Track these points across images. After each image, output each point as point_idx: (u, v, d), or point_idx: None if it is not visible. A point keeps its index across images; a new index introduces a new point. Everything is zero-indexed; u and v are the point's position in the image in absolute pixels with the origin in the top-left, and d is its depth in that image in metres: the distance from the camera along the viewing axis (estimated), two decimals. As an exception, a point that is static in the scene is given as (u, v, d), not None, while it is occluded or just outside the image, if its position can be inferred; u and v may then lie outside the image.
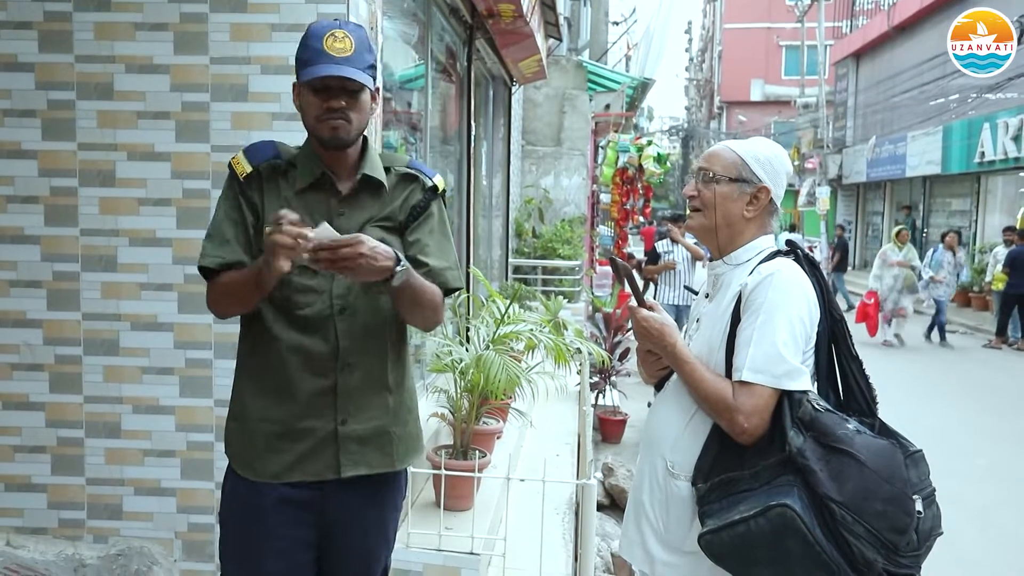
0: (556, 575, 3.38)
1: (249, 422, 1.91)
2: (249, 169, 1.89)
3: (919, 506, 1.74)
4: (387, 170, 1.97)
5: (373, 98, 1.91)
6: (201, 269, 1.88)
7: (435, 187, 1.99)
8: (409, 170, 2.00)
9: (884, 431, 1.84)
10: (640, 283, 2.04)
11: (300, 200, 1.88)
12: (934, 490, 1.81)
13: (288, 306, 1.87)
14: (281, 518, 1.89)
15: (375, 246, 1.69)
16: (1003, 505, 5.77)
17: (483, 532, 3.27)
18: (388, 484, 2.01)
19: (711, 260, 2.04)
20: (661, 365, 2.04)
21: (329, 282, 1.88)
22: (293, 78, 3.10)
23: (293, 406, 1.88)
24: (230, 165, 1.93)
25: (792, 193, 31.13)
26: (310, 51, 1.83)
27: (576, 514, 4.01)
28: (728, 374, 1.84)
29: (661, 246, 8.87)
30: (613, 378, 7.21)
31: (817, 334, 1.86)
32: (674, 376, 1.98)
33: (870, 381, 1.89)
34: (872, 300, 12.30)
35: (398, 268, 1.75)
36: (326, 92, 1.83)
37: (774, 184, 1.94)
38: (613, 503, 5.40)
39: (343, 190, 1.92)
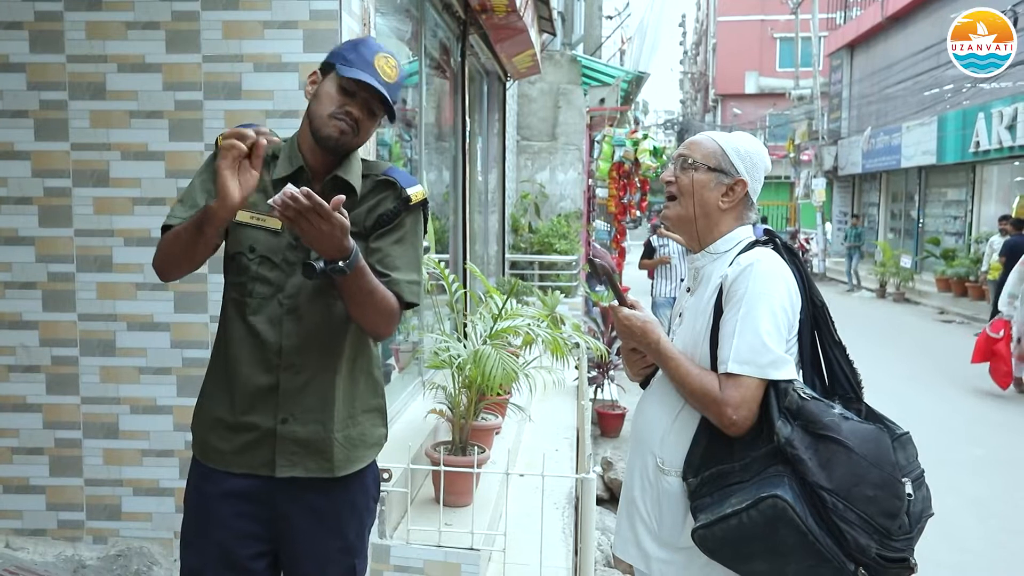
0: (556, 569, 3.38)
1: (204, 408, 1.94)
2: None
3: (909, 488, 1.74)
4: (365, 176, 1.94)
5: (379, 127, 1.95)
6: (164, 229, 1.87)
7: (409, 199, 1.92)
8: (386, 177, 1.94)
9: (871, 415, 1.84)
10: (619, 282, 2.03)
11: (276, 189, 1.81)
12: (923, 471, 1.81)
13: (243, 296, 1.87)
14: (226, 507, 1.88)
15: (344, 224, 1.64)
16: (1001, 494, 5.78)
17: (483, 528, 3.27)
18: (345, 486, 1.94)
19: (690, 253, 2.03)
20: (646, 363, 2.04)
21: (284, 279, 1.86)
22: (287, 74, 3.09)
23: (237, 398, 1.88)
24: (216, 142, 1.84)
25: (788, 185, 31.19)
26: (359, 58, 1.84)
27: (576, 508, 4.01)
28: (713, 367, 1.84)
29: (655, 240, 8.87)
30: (611, 372, 7.22)
31: (800, 321, 1.86)
32: (660, 373, 1.98)
33: (854, 366, 1.90)
34: (1001, 333, 8.23)
35: (350, 258, 1.69)
36: (352, 97, 1.83)
37: (751, 178, 1.95)
38: (612, 497, 5.40)
39: (315, 189, 1.84)
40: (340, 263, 1.68)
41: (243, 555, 1.89)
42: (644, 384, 2.10)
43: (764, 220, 22.11)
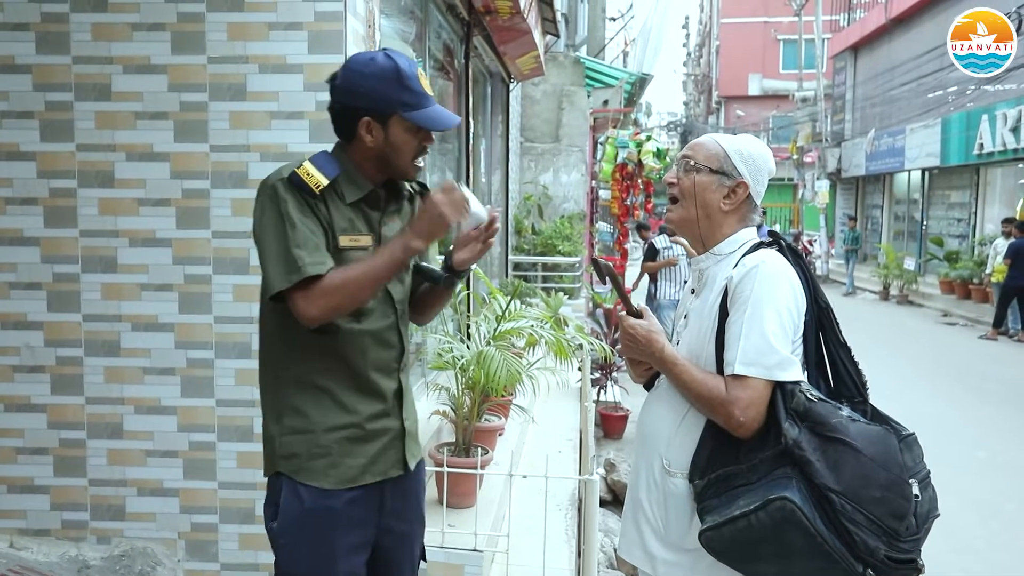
0: (559, 571, 3.38)
1: (318, 433, 1.91)
2: (326, 182, 1.84)
3: (916, 489, 1.74)
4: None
5: None
6: (299, 282, 1.77)
7: (427, 186, 2.11)
8: (420, 185, 2.10)
9: (876, 416, 1.85)
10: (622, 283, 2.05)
11: (351, 211, 1.90)
12: (929, 472, 1.81)
13: (357, 318, 1.91)
14: (350, 522, 1.93)
15: None
16: (1003, 496, 5.77)
17: (486, 529, 3.28)
18: (423, 465, 2.18)
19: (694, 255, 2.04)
20: (648, 365, 2.04)
21: (385, 288, 1.95)
22: (292, 76, 3.09)
23: (371, 410, 1.95)
24: (295, 176, 1.83)
25: (791, 187, 31.15)
26: (416, 94, 1.85)
27: (579, 510, 4.01)
28: (719, 369, 1.84)
29: (660, 242, 8.86)
30: (614, 374, 7.22)
31: (805, 323, 1.86)
32: None
33: (859, 367, 1.90)
34: None
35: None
36: (425, 131, 1.89)
37: (754, 181, 1.95)
38: (615, 499, 5.40)
39: (384, 205, 1.99)
40: (465, 274, 2.01)
41: (359, 564, 1.97)
42: (648, 385, 2.10)
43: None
